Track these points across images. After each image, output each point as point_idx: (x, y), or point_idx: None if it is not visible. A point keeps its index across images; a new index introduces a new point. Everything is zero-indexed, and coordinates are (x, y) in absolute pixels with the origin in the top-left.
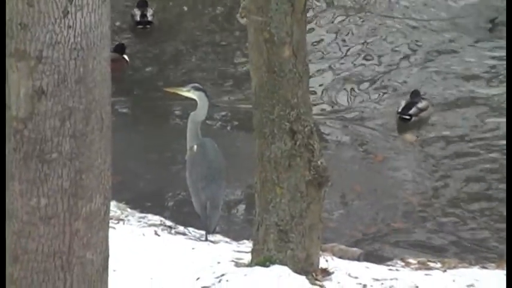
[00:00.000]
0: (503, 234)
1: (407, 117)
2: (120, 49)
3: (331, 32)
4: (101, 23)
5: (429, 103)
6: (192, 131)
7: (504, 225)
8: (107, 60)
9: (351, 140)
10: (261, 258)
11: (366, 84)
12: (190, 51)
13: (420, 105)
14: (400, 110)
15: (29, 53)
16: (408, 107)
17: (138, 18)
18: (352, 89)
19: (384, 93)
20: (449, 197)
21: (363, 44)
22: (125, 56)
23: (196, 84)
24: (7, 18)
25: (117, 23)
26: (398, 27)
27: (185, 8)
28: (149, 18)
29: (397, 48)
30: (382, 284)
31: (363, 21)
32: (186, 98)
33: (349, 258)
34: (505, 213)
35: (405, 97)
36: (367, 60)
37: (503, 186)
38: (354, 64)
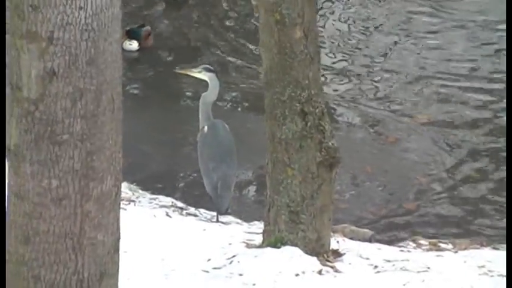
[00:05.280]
0: None
1: None
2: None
3: (345, 16)
4: (112, 4)
5: None
6: (204, 112)
7: None
8: (118, 42)
9: (362, 121)
10: (272, 240)
11: (378, 66)
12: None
13: None
14: None
15: (40, 34)
16: None
17: None
18: (364, 70)
19: (396, 73)
20: (461, 179)
21: (376, 28)
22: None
23: (208, 66)
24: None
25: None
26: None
27: None
28: None
29: (412, 33)
30: (394, 265)
31: (376, 7)
32: (197, 79)
33: (360, 240)
34: None
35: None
36: (380, 41)
37: None
38: (366, 46)
